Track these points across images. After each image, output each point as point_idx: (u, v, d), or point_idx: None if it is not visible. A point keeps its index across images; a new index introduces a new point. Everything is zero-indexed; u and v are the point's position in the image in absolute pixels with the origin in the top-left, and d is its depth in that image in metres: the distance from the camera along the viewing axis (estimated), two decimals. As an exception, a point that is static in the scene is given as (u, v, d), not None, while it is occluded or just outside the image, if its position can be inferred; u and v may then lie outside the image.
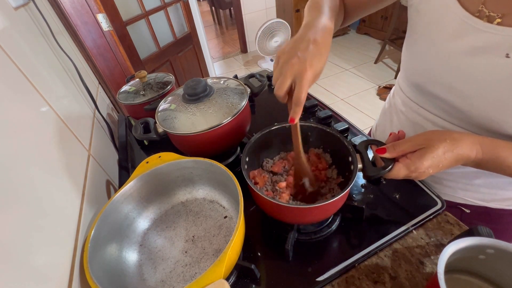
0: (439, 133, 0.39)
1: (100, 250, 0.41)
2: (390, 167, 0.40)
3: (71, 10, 1.20)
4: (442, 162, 0.37)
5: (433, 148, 0.37)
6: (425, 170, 0.38)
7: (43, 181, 0.37)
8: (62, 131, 0.48)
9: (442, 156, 0.37)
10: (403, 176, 0.40)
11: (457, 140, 0.37)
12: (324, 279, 0.43)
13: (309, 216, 0.44)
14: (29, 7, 0.64)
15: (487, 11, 0.39)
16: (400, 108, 0.60)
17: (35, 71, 0.48)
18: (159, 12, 1.77)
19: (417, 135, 0.40)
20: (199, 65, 2.29)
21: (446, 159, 0.37)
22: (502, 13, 0.38)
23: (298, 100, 0.38)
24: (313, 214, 0.43)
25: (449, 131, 0.39)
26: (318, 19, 0.42)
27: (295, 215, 0.44)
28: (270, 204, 0.43)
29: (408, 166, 0.39)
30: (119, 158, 0.71)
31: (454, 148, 0.37)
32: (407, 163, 0.39)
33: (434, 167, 0.38)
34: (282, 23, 2.76)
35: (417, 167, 0.38)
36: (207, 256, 0.46)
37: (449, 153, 0.37)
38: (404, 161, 0.40)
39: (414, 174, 0.39)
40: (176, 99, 0.59)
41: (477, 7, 0.40)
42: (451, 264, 0.34)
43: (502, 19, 0.38)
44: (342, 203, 0.45)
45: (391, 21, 2.61)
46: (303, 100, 0.38)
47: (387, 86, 2.44)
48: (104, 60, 1.41)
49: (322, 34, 0.40)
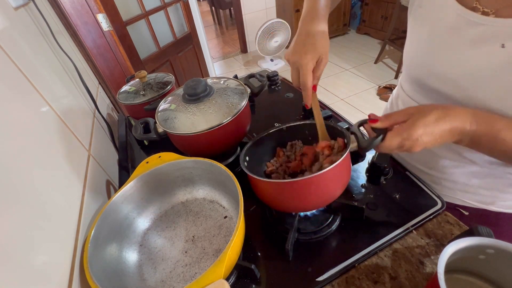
0: (430, 104, 0.41)
1: (100, 250, 0.41)
2: (382, 136, 0.39)
3: (71, 10, 1.20)
4: (436, 130, 0.36)
5: (425, 114, 0.36)
6: (418, 137, 0.36)
7: (43, 181, 0.37)
8: (62, 131, 0.48)
9: (435, 123, 0.36)
10: (396, 145, 0.38)
11: (447, 108, 0.37)
12: (324, 279, 0.43)
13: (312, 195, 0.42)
14: (29, 7, 0.64)
15: (481, 7, 0.40)
16: (401, 108, 0.60)
17: (35, 71, 0.48)
18: (159, 12, 1.77)
19: (408, 107, 0.40)
20: (199, 65, 2.29)
21: (438, 126, 0.36)
22: (495, 9, 0.39)
23: (303, 85, 0.47)
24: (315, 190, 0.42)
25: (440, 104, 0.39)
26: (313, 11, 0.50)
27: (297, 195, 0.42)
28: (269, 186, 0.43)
29: (400, 133, 0.37)
30: (119, 158, 0.71)
31: (446, 116, 0.36)
32: (399, 129, 0.38)
33: (427, 135, 0.36)
34: (282, 23, 2.76)
35: (409, 133, 0.36)
36: (207, 256, 0.46)
37: (441, 121, 0.36)
38: (395, 128, 0.39)
39: (408, 142, 0.37)
40: (176, 99, 0.59)
41: (471, 3, 0.41)
42: (451, 264, 0.34)
43: (495, 14, 0.39)
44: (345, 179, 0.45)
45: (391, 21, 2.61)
46: (308, 85, 0.46)
47: (387, 86, 2.44)
48: (104, 60, 1.41)
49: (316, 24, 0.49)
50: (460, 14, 0.42)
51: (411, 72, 0.54)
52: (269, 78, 0.94)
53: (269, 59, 3.13)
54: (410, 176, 0.56)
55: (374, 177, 0.57)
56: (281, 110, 0.82)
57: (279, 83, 0.95)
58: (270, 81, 0.95)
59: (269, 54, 2.99)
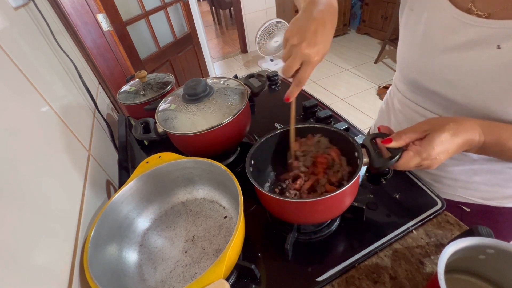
0: (440, 118, 0.40)
1: (100, 250, 0.41)
2: (399, 156, 0.39)
3: (71, 10, 1.20)
4: (451, 147, 0.37)
5: (440, 131, 0.37)
6: (437, 156, 0.37)
7: (43, 181, 0.37)
8: (62, 131, 0.48)
9: (451, 140, 0.37)
10: (415, 165, 0.38)
11: (458, 122, 0.38)
12: (324, 279, 0.43)
13: (317, 213, 0.42)
14: (29, 7, 0.64)
15: (475, 10, 0.40)
16: (397, 107, 0.60)
17: (35, 71, 0.48)
18: (159, 12, 1.77)
19: (419, 123, 0.40)
20: (199, 65, 2.29)
21: (453, 143, 0.37)
22: (489, 12, 0.39)
23: (301, 81, 0.41)
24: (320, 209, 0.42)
25: (448, 116, 0.40)
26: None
27: (302, 212, 0.42)
28: (276, 203, 0.43)
29: (420, 153, 0.38)
30: (119, 158, 0.71)
31: (459, 132, 0.37)
32: (418, 150, 0.38)
33: (444, 153, 0.37)
34: (282, 23, 2.76)
35: (429, 153, 0.37)
36: (207, 256, 0.46)
37: (456, 137, 0.37)
38: (414, 148, 0.38)
39: (426, 162, 0.38)
40: (176, 99, 0.59)
41: (466, 6, 0.41)
42: (451, 264, 0.34)
43: (489, 17, 0.39)
44: (351, 198, 0.44)
45: (391, 21, 2.61)
46: (304, 83, 0.42)
47: (387, 86, 2.44)
48: (104, 60, 1.41)
49: (329, 14, 0.41)
50: (455, 17, 0.42)
51: (405, 73, 0.54)
52: (269, 78, 0.94)
53: (269, 59, 3.13)
54: (410, 176, 0.56)
55: (374, 177, 0.57)
56: (281, 110, 0.82)
57: (279, 83, 0.95)
58: (270, 81, 0.95)
59: (269, 54, 2.99)
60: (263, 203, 0.47)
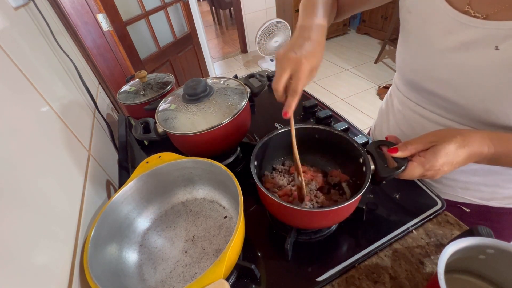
0: (448, 130, 0.40)
1: (100, 250, 0.41)
2: (404, 167, 0.39)
3: (71, 10, 1.20)
4: (456, 159, 0.37)
5: (445, 144, 0.37)
6: (440, 167, 0.38)
7: (43, 181, 0.37)
8: (62, 131, 0.48)
9: (455, 153, 0.37)
10: (418, 175, 0.40)
11: (466, 135, 0.38)
12: (324, 279, 0.43)
13: (322, 220, 0.43)
14: (29, 7, 0.64)
15: (472, 11, 0.40)
16: (397, 107, 0.60)
17: (35, 71, 0.48)
18: (159, 12, 1.77)
19: (426, 134, 0.40)
20: (199, 65, 2.29)
21: (459, 156, 0.37)
22: (486, 13, 0.39)
23: (294, 91, 0.40)
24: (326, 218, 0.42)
25: (456, 128, 0.40)
26: (312, 20, 0.45)
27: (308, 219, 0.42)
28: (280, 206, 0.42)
29: (423, 164, 0.39)
30: (119, 158, 0.71)
31: (466, 144, 0.37)
32: (422, 161, 0.39)
33: (448, 165, 0.38)
34: (282, 23, 2.76)
35: (432, 164, 0.38)
36: (207, 256, 0.46)
37: (461, 150, 0.37)
38: (418, 159, 0.39)
39: (429, 172, 0.39)
40: (176, 99, 0.59)
41: (464, 7, 0.41)
42: (451, 264, 0.34)
43: (486, 18, 0.39)
44: (355, 207, 0.45)
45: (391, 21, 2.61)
46: (299, 92, 0.40)
47: (387, 86, 2.44)
48: (104, 60, 1.41)
49: (317, 33, 0.43)
50: (453, 18, 0.42)
51: (405, 74, 0.54)
52: (269, 78, 0.94)
53: (269, 59, 3.13)
54: (410, 176, 0.56)
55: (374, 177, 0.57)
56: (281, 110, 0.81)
57: (279, 83, 0.95)
58: (270, 81, 0.95)
59: (269, 54, 2.98)
60: (265, 203, 0.47)
